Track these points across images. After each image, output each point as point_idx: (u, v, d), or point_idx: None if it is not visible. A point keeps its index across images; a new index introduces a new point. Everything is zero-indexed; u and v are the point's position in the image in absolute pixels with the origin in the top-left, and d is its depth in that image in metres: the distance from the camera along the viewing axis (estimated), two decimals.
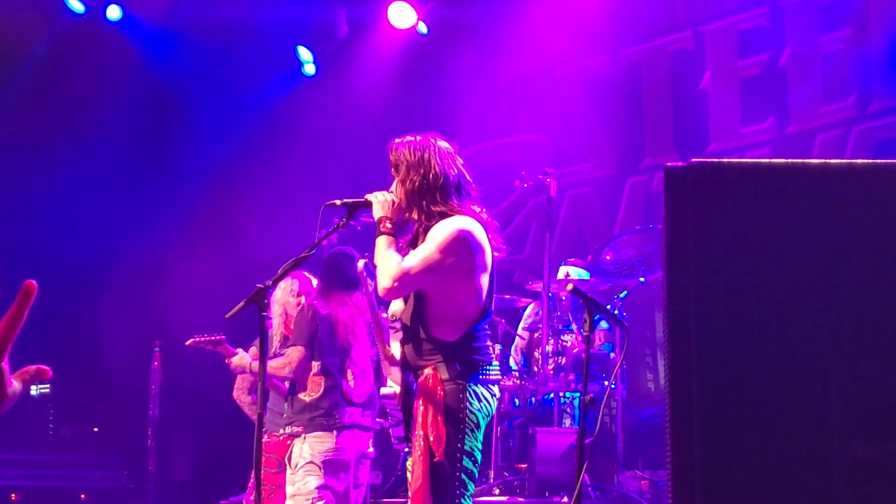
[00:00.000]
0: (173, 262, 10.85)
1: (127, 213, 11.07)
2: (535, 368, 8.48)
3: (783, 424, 2.77)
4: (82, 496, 10.74)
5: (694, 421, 2.78)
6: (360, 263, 4.81)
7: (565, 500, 7.33)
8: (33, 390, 11.35)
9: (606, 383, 8.06)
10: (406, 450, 4.48)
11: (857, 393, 2.77)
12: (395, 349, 4.50)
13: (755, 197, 2.87)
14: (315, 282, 6.97)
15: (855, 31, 9.44)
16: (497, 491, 7.87)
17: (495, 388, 4.46)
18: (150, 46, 11.13)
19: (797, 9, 9.79)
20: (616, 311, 8.38)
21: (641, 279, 8.67)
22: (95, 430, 11.45)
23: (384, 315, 4.72)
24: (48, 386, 11.30)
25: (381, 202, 4.50)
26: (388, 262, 4.34)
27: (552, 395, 8.33)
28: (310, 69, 11.40)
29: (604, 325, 8.71)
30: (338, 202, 4.58)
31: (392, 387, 4.43)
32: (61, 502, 10.72)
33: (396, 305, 4.54)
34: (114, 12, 10.80)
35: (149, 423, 8.87)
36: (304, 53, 11.31)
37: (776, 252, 2.84)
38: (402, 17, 10.56)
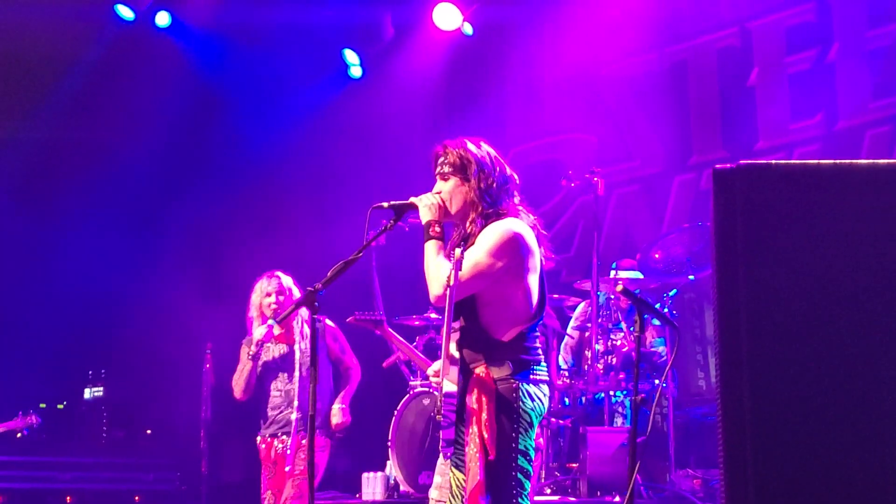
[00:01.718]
0: (223, 264, 10.94)
1: (178, 215, 11.19)
2: (585, 367, 8.47)
3: (835, 422, 2.77)
4: (136, 498, 10.84)
5: (746, 420, 2.79)
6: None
7: (617, 499, 7.32)
8: (86, 393, 11.48)
9: (657, 382, 8.04)
10: (450, 454, 4.48)
11: None
12: (453, 351, 4.49)
13: (804, 198, 2.87)
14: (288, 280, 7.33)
15: None
16: (548, 490, 7.86)
17: (545, 388, 4.45)
18: (199, 52, 11.22)
19: (844, 4, 9.71)
20: (666, 310, 8.36)
21: (691, 277, 8.63)
22: (148, 432, 11.56)
23: None
24: (101, 389, 11.43)
25: (427, 205, 4.47)
26: (439, 269, 4.31)
27: (602, 395, 8.32)
28: (356, 72, 11.45)
29: (655, 320, 8.67)
30: (385, 204, 4.55)
31: (448, 386, 4.41)
32: None
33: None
34: (163, 19, 10.91)
35: (201, 425, 8.92)
36: (351, 56, 11.36)
37: (825, 252, 2.84)
38: (447, 18, 10.58)
